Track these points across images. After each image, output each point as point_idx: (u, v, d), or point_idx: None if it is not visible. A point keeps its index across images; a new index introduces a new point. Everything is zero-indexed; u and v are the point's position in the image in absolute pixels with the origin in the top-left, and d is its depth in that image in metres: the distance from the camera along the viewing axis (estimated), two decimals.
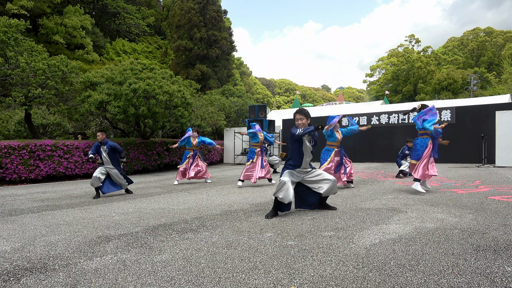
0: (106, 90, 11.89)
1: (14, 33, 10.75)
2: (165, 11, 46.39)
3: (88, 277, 2.59)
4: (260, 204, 5.65)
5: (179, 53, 35.66)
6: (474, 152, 13.49)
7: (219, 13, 37.33)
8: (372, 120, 16.59)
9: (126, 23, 40.02)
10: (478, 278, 2.40)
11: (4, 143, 9.90)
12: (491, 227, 3.78)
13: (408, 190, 6.90)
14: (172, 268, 2.73)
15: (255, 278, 2.49)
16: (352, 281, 2.41)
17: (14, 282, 2.53)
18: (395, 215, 4.47)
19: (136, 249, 3.27)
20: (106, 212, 5.21)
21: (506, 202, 5.28)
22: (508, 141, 12.10)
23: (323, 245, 3.24)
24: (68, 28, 30.75)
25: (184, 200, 6.32)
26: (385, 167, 12.94)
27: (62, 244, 3.50)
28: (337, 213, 4.69)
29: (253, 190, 7.43)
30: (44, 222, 4.61)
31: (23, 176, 10.04)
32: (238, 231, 3.82)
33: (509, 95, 18.54)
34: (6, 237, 3.85)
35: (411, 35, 58.26)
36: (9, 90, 11.01)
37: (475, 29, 54.88)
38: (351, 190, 6.99)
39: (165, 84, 12.57)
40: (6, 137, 14.01)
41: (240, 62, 50.17)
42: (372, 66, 60.92)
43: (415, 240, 3.34)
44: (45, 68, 10.56)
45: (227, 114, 22.26)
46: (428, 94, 47.08)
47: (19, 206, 6.03)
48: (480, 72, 48.05)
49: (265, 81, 68.40)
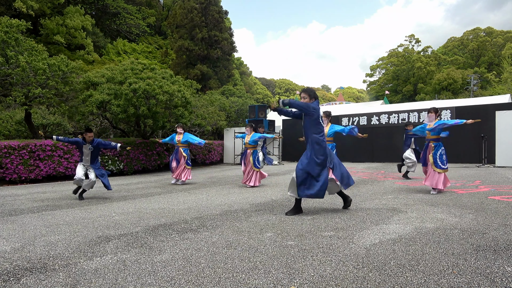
0: (107, 90, 11.90)
1: (15, 33, 10.76)
2: (166, 11, 46.41)
3: (88, 277, 2.59)
4: (260, 204, 5.65)
5: (180, 53, 35.68)
6: (474, 152, 13.48)
7: (220, 13, 37.39)
8: (372, 120, 16.59)
9: (127, 23, 40.03)
10: (478, 278, 2.40)
11: (4, 143, 9.90)
12: (491, 227, 3.78)
13: (408, 190, 6.90)
14: (172, 268, 2.73)
15: (255, 278, 2.49)
16: (352, 281, 2.41)
17: (14, 282, 2.53)
18: (395, 215, 4.47)
19: (136, 249, 3.27)
20: (106, 212, 5.21)
21: (506, 202, 5.28)
22: (508, 141, 12.10)
23: (323, 245, 3.24)
24: (69, 29, 30.77)
25: (184, 200, 6.32)
26: (385, 167, 12.93)
27: (62, 244, 3.50)
28: (337, 213, 4.69)
29: (253, 190, 7.43)
30: (44, 222, 4.61)
31: (23, 176, 10.04)
32: (238, 231, 3.82)
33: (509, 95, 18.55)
34: (6, 237, 3.85)
35: (411, 35, 58.23)
36: (9, 90, 11.01)
37: (475, 29, 54.85)
38: (351, 190, 6.99)
39: (165, 84, 12.57)
40: (6, 137, 14.01)
41: (240, 62, 50.19)
42: (372, 66, 60.94)
43: (415, 240, 3.34)
44: (45, 68, 10.56)
45: (227, 114, 22.25)
46: (428, 94, 47.10)
47: (19, 206, 6.03)
48: (480, 72, 48.04)
49: (265, 81, 68.36)
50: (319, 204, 5.24)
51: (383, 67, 59.20)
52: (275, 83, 75.36)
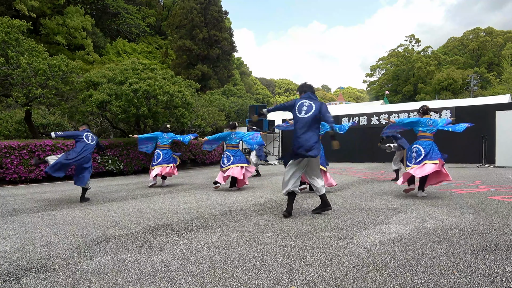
0: (108, 90, 11.90)
1: (16, 34, 10.76)
2: (166, 11, 46.40)
3: (88, 277, 2.59)
4: (260, 204, 5.65)
5: (180, 53, 35.70)
6: (474, 152, 13.48)
7: (220, 13, 37.40)
8: (372, 120, 16.59)
9: (127, 23, 40.03)
10: (478, 278, 2.40)
11: (4, 143, 9.90)
12: (491, 227, 3.78)
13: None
14: (172, 268, 2.73)
15: (255, 278, 2.49)
16: (352, 281, 2.41)
17: (14, 282, 2.53)
18: (395, 215, 4.47)
19: (136, 249, 3.27)
20: (106, 212, 5.21)
21: (506, 202, 5.28)
22: (508, 141, 12.10)
23: (323, 245, 3.24)
24: (70, 29, 30.77)
25: (184, 200, 6.32)
26: (385, 167, 12.92)
27: (62, 244, 3.50)
28: (337, 213, 4.69)
29: (253, 190, 7.44)
30: (44, 222, 4.61)
31: (23, 176, 10.04)
32: (238, 231, 3.82)
33: (509, 95, 18.54)
34: (6, 237, 3.85)
35: (411, 35, 58.24)
36: (9, 90, 11.02)
37: (475, 29, 54.83)
38: (351, 190, 6.99)
39: (165, 84, 12.58)
40: (6, 137, 14.01)
41: (240, 62, 50.19)
42: (372, 66, 60.93)
43: (415, 240, 3.34)
44: (45, 68, 10.56)
45: (227, 114, 22.26)
46: (428, 94, 47.08)
47: (19, 206, 6.03)
48: (480, 72, 48.02)
49: (265, 81, 68.32)
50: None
51: (383, 67, 59.19)
52: (275, 83, 75.36)
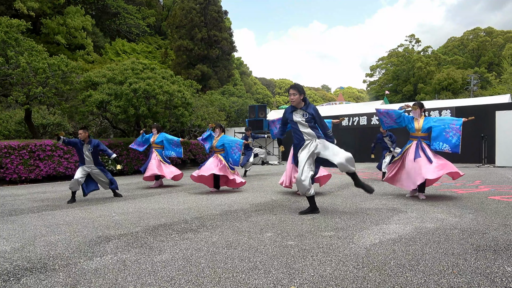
0: (107, 90, 11.90)
1: (15, 33, 10.76)
2: (165, 11, 46.40)
3: (88, 277, 2.59)
4: (260, 204, 5.65)
5: (179, 53, 35.70)
6: (474, 152, 13.49)
7: (219, 13, 37.40)
8: (372, 120, 16.59)
9: (127, 23, 40.03)
10: (478, 278, 2.40)
11: (4, 143, 9.90)
12: (491, 227, 3.78)
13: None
14: (172, 268, 2.73)
15: (255, 278, 2.49)
16: (352, 281, 2.41)
17: (14, 282, 2.53)
18: (395, 215, 4.47)
19: (136, 249, 3.27)
20: (106, 212, 5.21)
21: (506, 202, 5.28)
22: (508, 141, 12.10)
23: (323, 245, 3.24)
24: (70, 29, 30.76)
25: (184, 200, 6.32)
26: None
27: (62, 244, 3.50)
28: (337, 213, 4.69)
29: (253, 190, 7.44)
30: (44, 222, 4.61)
31: (23, 176, 10.04)
32: (238, 231, 3.82)
33: (509, 95, 18.52)
34: (6, 237, 3.85)
35: (411, 35, 58.24)
36: (9, 90, 11.02)
37: (475, 29, 54.85)
38: (351, 190, 6.99)
39: (165, 84, 12.58)
40: (6, 137, 14.01)
41: (240, 62, 50.17)
42: (372, 66, 60.93)
43: (415, 240, 3.34)
44: (45, 67, 10.56)
45: (227, 114, 22.27)
46: (428, 94, 47.09)
47: (19, 206, 6.03)
48: (480, 72, 48.01)
49: (265, 81, 68.29)
50: (319, 204, 5.24)
51: (383, 67, 59.19)
52: (275, 83, 75.33)
